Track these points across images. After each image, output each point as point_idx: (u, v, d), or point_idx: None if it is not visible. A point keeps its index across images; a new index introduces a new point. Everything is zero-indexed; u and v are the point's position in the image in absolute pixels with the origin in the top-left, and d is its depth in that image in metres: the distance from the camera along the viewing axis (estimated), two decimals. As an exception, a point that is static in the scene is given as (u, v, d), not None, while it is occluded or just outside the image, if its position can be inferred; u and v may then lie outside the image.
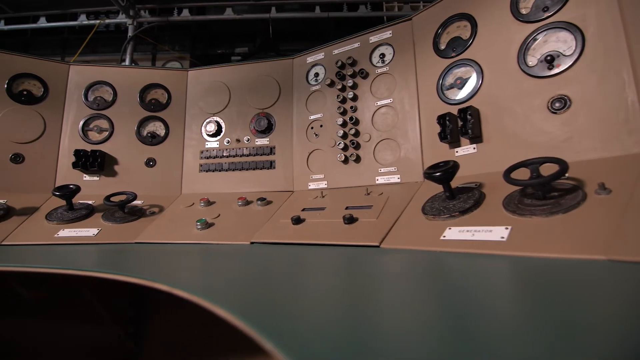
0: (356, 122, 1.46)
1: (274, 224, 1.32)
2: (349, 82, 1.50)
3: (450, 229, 0.89)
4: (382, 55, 1.47)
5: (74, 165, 1.62)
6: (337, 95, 1.52)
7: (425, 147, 1.31)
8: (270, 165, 1.64)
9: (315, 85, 1.62)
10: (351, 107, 1.49)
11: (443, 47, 1.30)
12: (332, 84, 1.55)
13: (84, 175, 1.67)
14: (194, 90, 1.82)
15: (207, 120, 1.76)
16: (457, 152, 1.21)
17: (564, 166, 0.79)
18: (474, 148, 1.17)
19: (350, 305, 0.48)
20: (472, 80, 1.20)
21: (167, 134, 1.77)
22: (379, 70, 1.46)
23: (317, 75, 1.63)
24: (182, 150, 1.77)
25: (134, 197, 1.48)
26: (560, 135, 0.99)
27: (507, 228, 0.80)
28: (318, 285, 0.63)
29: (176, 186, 1.72)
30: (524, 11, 1.11)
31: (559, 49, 1.02)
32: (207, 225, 1.36)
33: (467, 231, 0.85)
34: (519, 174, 0.87)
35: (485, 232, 0.82)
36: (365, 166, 1.42)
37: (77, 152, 1.63)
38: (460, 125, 1.16)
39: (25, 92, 1.66)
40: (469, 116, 1.14)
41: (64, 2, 3.26)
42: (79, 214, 1.46)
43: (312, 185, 1.54)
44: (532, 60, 1.07)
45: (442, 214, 0.96)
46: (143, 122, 1.77)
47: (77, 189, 1.46)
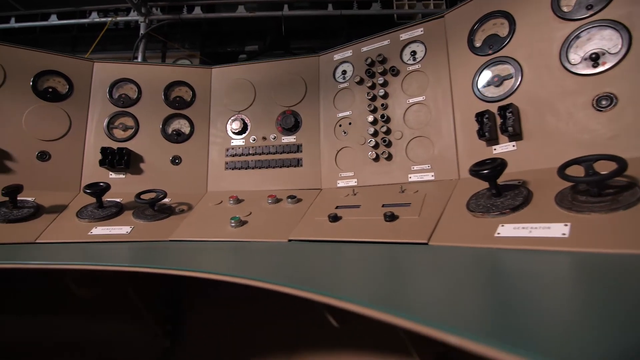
0: (387, 119, 1.46)
1: (309, 222, 1.31)
2: (380, 80, 1.49)
3: (503, 225, 0.90)
4: (414, 53, 1.46)
5: (101, 163, 1.62)
6: (367, 93, 1.51)
7: (460, 144, 1.30)
8: (298, 163, 1.64)
9: (343, 82, 1.62)
10: (382, 104, 1.48)
11: (479, 44, 1.29)
12: (361, 81, 1.55)
13: (110, 173, 1.66)
14: (218, 87, 1.81)
15: (232, 118, 1.76)
16: (495, 149, 1.21)
17: (622, 164, 0.79)
18: (514, 145, 1.17)
19: (449, 301, 0.48)
20: (511, 78, 1.20)
21: (192, 132, 1.76)
22: (411, 68, 1.45)
23: (344, 72, 1.63)
24: (207, 148, 1.76)
25: (164, 195, 1.47)
26: (606, 133, 0.99)
27: (566, 225, 0.80)
28: (392, 277, 0.63)
29: (202, 184, 1.72)
30: (565, 9, 1.11)
31: (604, 47, 1.02)
32: (240, 222, 1.36)
33: (523, 228, 0.85)
34: (569, 171, 0.87)
35: (542, 229, 0.82)
36: (397, 164, 1.42)
37: (103, 150, 1.62)
38: (500, 122, 1.16)
39: (50, 90, 1.65)
40: (509, 113, 1.14)
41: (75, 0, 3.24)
42: (109, 212, 1.45)
43: (341, 183, 1.54)
44: (575, 58, 1.07)
45: (491, 211, 0.96)
46: (168, 120, 1.76)
47: (107, 186, 1.45)
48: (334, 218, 1.24)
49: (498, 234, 0.88)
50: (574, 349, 0.29)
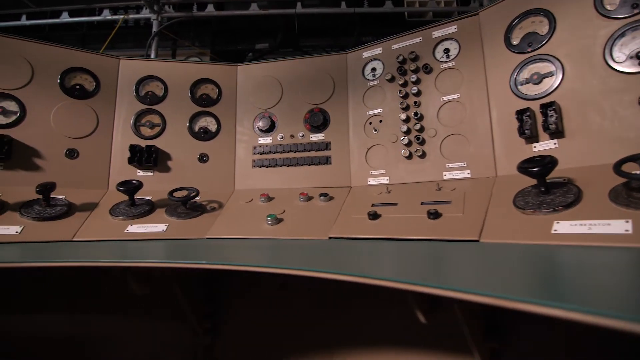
0: (420, 117, 1.46)
1: (347, 220, 1.31)
2: (412, 78, 1.49)
3: (558, 222, 0.90)
4: (447, 51, 1.46)
5: (130, 160, 1.61)
6: (400, 91, 1.51)
7: (497, 142, 1.31)
8: (327, 161, 1.64)
9: (373, 80, 1.62)
10: (415, 102, 1.48)
11: (516, 42, 1.30)
12: (392, 79, 1.55)
13: (138, 170, 1.65)
14: (244, 85, 1.81)
15: (259, 116, 1.75)
16: (534, 147, 1.21)
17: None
18: (555, 143, 1.17)
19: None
20: (551, 76, 1.20)
21: (218, 130, 1.76)
22: (444, 66, 1.45)
23: (374, 70, 1.63)
24: (234, 146, 1.76)
25: (197, 193, 1.47)
26: (654, 131, 1.00)
27: (627, 221, 0.80)
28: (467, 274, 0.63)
29: (229, 182, 1.71)
30: (609, 7, 1.11)
31: (651, 44, 1.03)
32: (277, 220, 1.36)
33: (581, 225, 0.86)
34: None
35: (602, 226, 0.83)
36: (431, 162, 1.42)
37: (132, 148, 1.61)
38: (542, 120, 1.17)
39: (78, 87, 1.64)
40: (552, 111, 1.15)
41: (87, -4, 3.22)
42: (142, 210, 1.44)
43: (372, 181, 1.54)
44: (619, 57, 1.08)
45: (542, 209, 0.96)
46: (194, 118, 1.75)
47: (140, 184, 1.45)
48: (374, 216, 1.24)
49: (555, 230, 0.88)
50: None
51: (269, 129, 1.73)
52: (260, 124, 1.72)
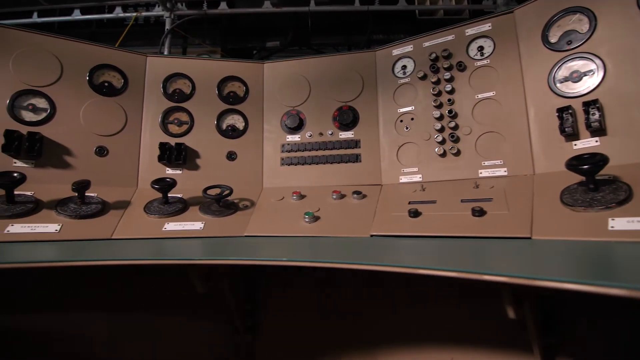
0: (455, 115, 1.46)
1: (385, 217, 1.31)
2: (446, 75, 1.49)
3: (613, 219, 0.90)
4: (481, 48, 1.47)
5: (160, 158, 1.60)
6: (433, 88, 1.51)
7: (535, 139, 1.31)
8: (356, 159, 1.63)
9: (403, 78, 1.61)
10: (448, 100, 1.48)
11: (554, 40, 1.30)
12: (424, 76, 1.55)
13: (167, 168, 1.64)
14: (271, 83, 1.80)
15: (286, 113, 1.75)
16: (575, 145, 1.22)
17: None
18: (597, 141, 1.17)
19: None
20: (592, 74, 1.21)
21: (246, 127, 1.75)
22: (479, 63, 1.45)
23: (404, 67, 1.63)
24: (262, 144, 1.75)
25: (231, 191, 1.46)
26: (702, 128, 1.00)
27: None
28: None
29: (257, 180, 1.71)
30: (653, 5, 1.11)
31: (699, 42, 1.03)
32: (314, 218, 1.35)
33: (639, 221, 0.86)
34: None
35: (662, 222, 0.83)
36: (466, 160, 1.42)
37: (162, 145, 1.61)
38: (584, 118, 1.17)
39: (106, 84, 1.62)
40: (595, 109, 1.15)
41: (98, -7, 3.19)
42: (176, 208, 1.44)
43: (404, 179, 1.54)
44: (665, 54, 1.08)
45: (594, 206, 0.97)
46: (222, 115, 1.75)
47: (174, 182, 1.44)
48: (415, 213, 1.24)
49: (612, 227, 0.88)
50: None
51: (298, 127, 1.72)
52: (288, 121, 1.72)
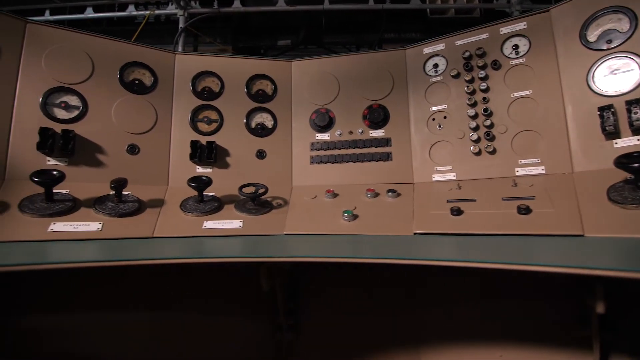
0: (490, 113, 1.47)
1: (426, 215, 1.31)
2: (481, 74, 1.49)
3: (672, 217, 0.91)
4: (516, 47, 1.47)
5: (191, 156, 1.59)
6: (467, 87, 1.51)
7: (573, 138, 1.31)
8: (387, 157, 1.63)
9: (435, 76, 1.62)
10: (483, 98, 1.49)
11: (593, 39, 1.30)
12: (458, 75, 1.55)
13: (197, 167, 1.64)
14: (300, 81, 1.80)
15: (315, 112, 1.74)
16: (616, 143, 1.22)
17: None
18: (639, 140, 1.18)
19: None
20: (633, 73, 1.21)
21: (275, 126, 1.75)
22: (514, 62, 1.46)
23: (436, 66, 1.63)
24: (291, 142, 1.75)
25: (266, 189, 1.46)
26: None
27: None
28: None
29: (287, 178, 1.70)
30: (698, 4, 1.12)
31: None
32: (353, 216, 1.35)
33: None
34: None
35: None
36: (502, 158, 1.43)
37: (193, 144, 1.60)
38: (627, 117, 1.17)
39: (137, 82, 1.61)
40: (637, 108, 1.16)
41: (111, -9, 3.17)
42: (212, 206, 1.43)
43: (437, 177, 1.54)
44: None
45: (648, 203, 0.97)
46: (251, 113, 1.74)
47: (210, 180, 1.44)
48: (458, 212, 1.24)
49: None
50: None
51: (327, 125, 1.72)
52: (318, 120, 1.72)
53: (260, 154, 1.71)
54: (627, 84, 1.22)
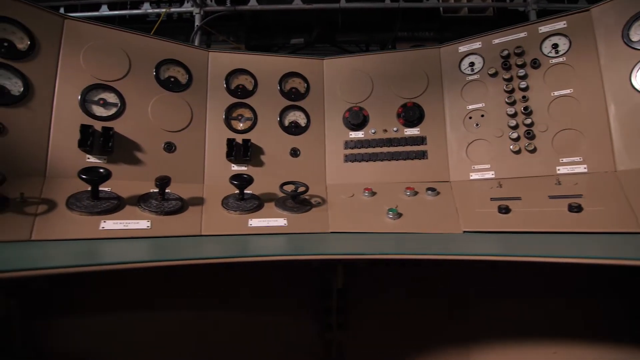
0: (530, 112, 1.47)
1: (471, 214, 1.32)
2: (520, 72, 1.50)
3: None
4: (555, 46, 1.47)
5: (228, 155, 1.58)
6: (506, 85, 1.52)
7: (616, 136, 1.32)
8: (423, 155, 1.63)
9: (472, 74, 1.62)
10: (523, 97, 1.49)
11: (636, 38, 1.31)
12: (495, 73, 1.55)
13: (232, 165, 1.63)
14: (332, 79, 1.79)
15: (349, 110, 1.74)
16: (662, 141, 1.23)
17: None
18: (686, 138, 1.19)
19: None
20: (681, 71, 1.22)
21: (308, 124, 1.74)
22: (554, 61, 1.46)
23: (472, 64, 1.63)
24: (324, 141, 1.74)
25: (307, 188, 1.45)
26: None
27: None
28: None
29: (321, 176, 1.70)
30: None
31: None
32: (398, 215, 1.35)
33: None
34: None
35: None
36: (542, 156, 1.43)
37: (229, 142, 1.59)
38: (676, 115, 1.18)
39: (172, 79, 1.60)
40: (687, 106, 1.16)
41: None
42: (253, 204, 1.43)
43: (475, 176, 1.54)
44: None
45: None
46: (284, 112, 1.73)
47: (251, 179, 1.43)
48: (506, 210, 1.25)
49: None
50: None
51: (361, 124, 1.72)
52: (351, 118, 1.71)
53: (294, 152, 1.70)
54: (673, 83, 1.23)
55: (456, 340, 1.28)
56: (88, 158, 1.40)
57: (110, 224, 1.18)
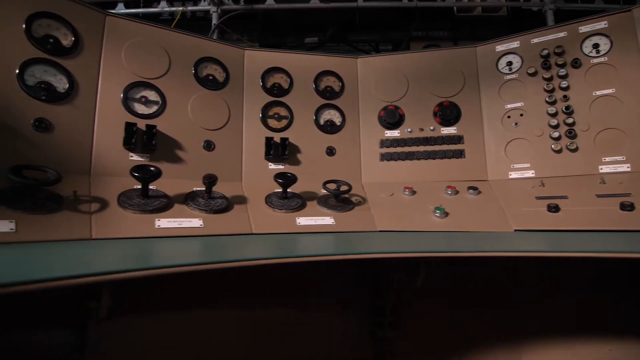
0: (571, 111, 1.48)
1: (518, 212, 1.32)
2: (561, 72, 1.50)
3: None
4: (596, 46, 1.48)
5: (266, 153, 1.58)
6: (546, 84, 1.52)
7: (661, 136, 1.33)
8: (460, 154, 1.64)
9: (510, 74, 1.62)
10: (564, 96, 1.50)
11: (681, 38, 1.32)
12: (535, 73, 1.56)
13: (270, 164, 1.62)
14: (366, 78, 1.79)
15: (384, 109, 1.74)
16: None
17: None
18: None
19: None
20: None
21: (343, 123, 1.74)
22: (595, 61, 1.47)
23: (510, 64, 1.63)
24: (359, 139, 1.74)
25: (350, 187, 1.45)
26: None
27: None
28: None
29: (356, 175, 1.70)
30: None
31: None
32: (445, 213, 1.35)
33: None
34: None
35: None
36: (584, 155, 1.44)
37: (268, 141, 1.58)
38: None
39: (210, 77, 1.60)
40: None
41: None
42: (296, 202, 1.43)
43: (514, 175, 1.55)
44: None
45: None
46: (319, 110, 1.73)
47: (295, 178, 1.43)
48: (556, 208, 1.25)
49: None
50: None
51: (397, 123, 1.72)
52: (387, 117, 1.71)
53: (330, 151, 1.70)
54: None
55: (507, 340, 1.29)
56: (131, 156, 1.39)
57: (164, 223, 1.17)
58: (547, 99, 1.51)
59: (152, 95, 1.47)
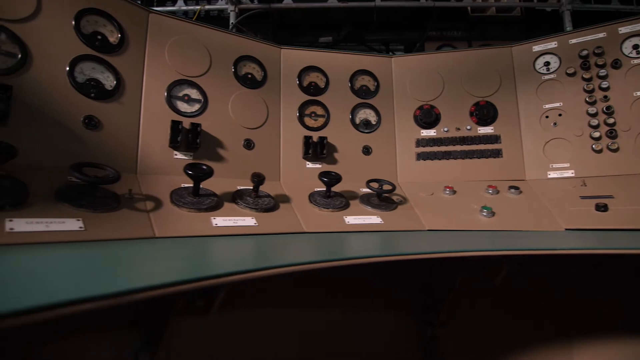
0: (612, 112, 1.48)
1: (564, 211, 1.33)
2: (602, 72, 1.51)
3: None
4: (636, 46, 1.49)
5: (305, 152, 1.58)
6: (586, 85, 1.53)
7: None
8: (498, 154, 1.64)
9: (547, 74, 1.63)
10: (604, 96, 1.51)
11: None
12: (574, 73, 1.56)
13: (307, 162, 1.62)
14: (401, 77, 1.79)
15: (419, 108, 1.74)
16: None
17: None
18: None
19: None
20: None
21: (378, 122, 1.74)
22: (636, 61, 1.48)
23: (547, 64, 1.64)
24: (395, 138, 1.74)
25: (394, 187, 1.45)
26: None
27: None
28: None
29: (392, 174, 1.70)
30: None
31: None
32: (492, 213, 1.36)
33: None
34: None
35: None
36: (626, 155, 1.45)
37: (306, 140, 1.58)
38: None
39: (249, 76, 1.59)
40: None
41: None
42: (340, 202, 1.42)
43: (553, 175, 1.55)
44: None
45: None
46: (355, 109, 1.73)
47: (340, 177, 1.42)
48: (604, 208, 1.26)
49: None
50: None
51: (433, 122, 1.72)
52: (423, 116, 1.72)
53: (366, 150, 1.70)
54: None
55: (557, 339, 1.29)
56: (175, 155, 1.38)
57: (220, 221, 1.17)
58: (587, 99, 1.52)
59: (194, 94, 1.46)
